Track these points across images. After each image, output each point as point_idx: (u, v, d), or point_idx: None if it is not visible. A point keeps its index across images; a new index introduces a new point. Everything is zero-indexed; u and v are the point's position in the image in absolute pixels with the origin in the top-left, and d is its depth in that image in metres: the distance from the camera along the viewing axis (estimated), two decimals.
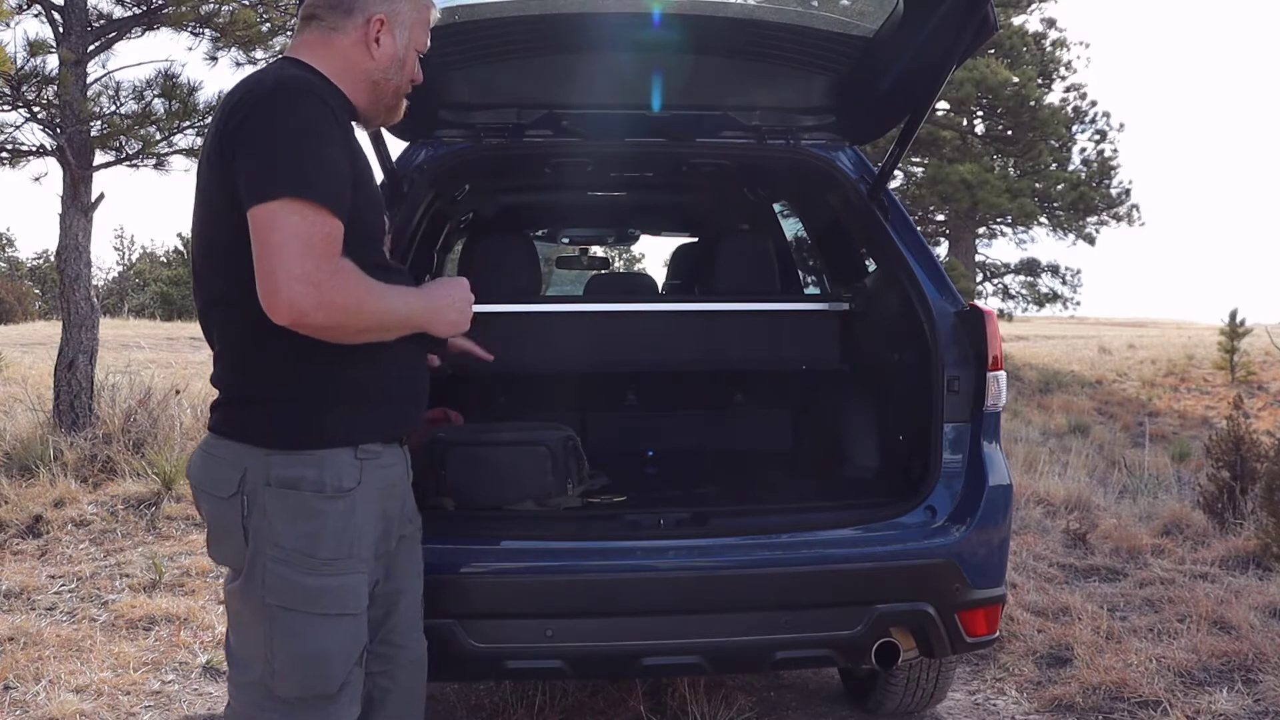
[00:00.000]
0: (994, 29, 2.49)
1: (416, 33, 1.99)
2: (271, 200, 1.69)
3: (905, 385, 2.89)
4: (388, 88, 1.97)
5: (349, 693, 1.90)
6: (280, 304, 1.68)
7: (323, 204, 1.72)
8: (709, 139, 3.22)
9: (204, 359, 14.96)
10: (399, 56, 1.95)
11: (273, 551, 1.81)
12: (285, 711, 1.85)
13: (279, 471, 1.81)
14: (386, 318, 1.84)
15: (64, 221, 7.05)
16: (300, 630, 1.82)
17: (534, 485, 2.74)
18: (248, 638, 1.88)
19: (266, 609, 1.82)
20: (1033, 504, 6.28)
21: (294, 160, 1.72)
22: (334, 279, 1.71)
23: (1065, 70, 23.77)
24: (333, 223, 1.73)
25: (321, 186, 1.72)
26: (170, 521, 5.51)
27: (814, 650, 2.56)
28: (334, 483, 1.83)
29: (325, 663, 1.84)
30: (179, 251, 40.72)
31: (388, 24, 1.92)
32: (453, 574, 2.36)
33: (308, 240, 1.69)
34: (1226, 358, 16.69)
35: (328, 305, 1.70)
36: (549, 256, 7.47)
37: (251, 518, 1.82)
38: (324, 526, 1.82)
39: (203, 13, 7.23)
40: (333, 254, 1.72)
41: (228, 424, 1.88)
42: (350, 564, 1.86)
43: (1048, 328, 31.22)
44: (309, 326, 1.72)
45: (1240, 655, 3.58)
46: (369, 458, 1.88)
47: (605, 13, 3.03)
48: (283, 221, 1.68)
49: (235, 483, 1.82)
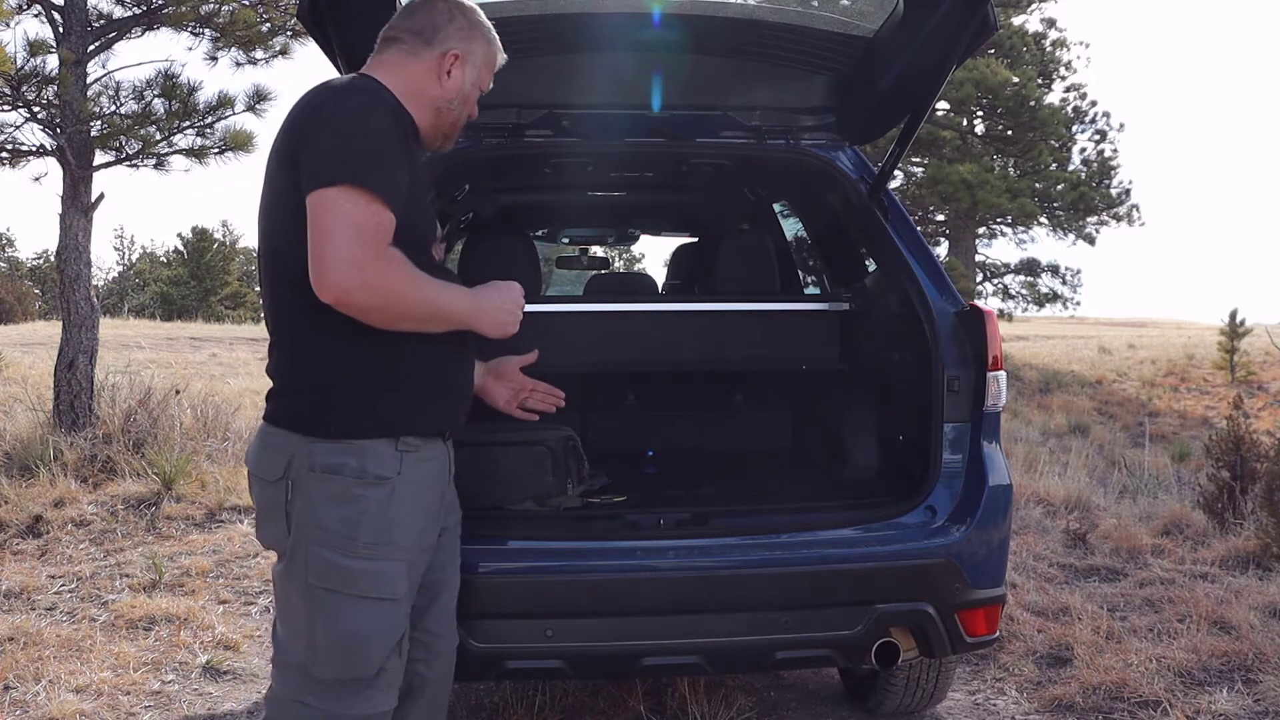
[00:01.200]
0: (994, 29, 2.50)
1: (484, 73, 2.14)
2: (330, 186, 1.80)
3: (905, 385, 2.89)
4: (448, 116, 2.11)
5: (386, 680, 1.98)
6: (327, 282, 1.78)
7: (377, 194, 1.82)
8: (709, 139, 3.22)
9: (204, 359, 14.97)
10: (464, 91, 2.10)
11: (315, 534, 1.90)
12: (321, 694, 1.94)
13: (322, 458, 1.90)
14: (431, 308, 1.92)
15: (64, 221, 7.05)
16: (339, 611, 1.91)
17: (534, 485, 2.74)
18: (292, 620, 1.97)
19: (309, 590, 1.91)
20: (1033, 504, 6.28)
21: (354, 152, 1.83)
22: (379, 263, 1.81)
23: (1065, 70, 23.80)
24: (385, 213, 1.83)
25: (377, 178, 1.83)
26: (170, 521, 5.51)
27: (814, 650, 2.56)
28: (375, 471, 1.91)
29: (363, 645, 1.92)
30: (179, 251, 40.74)
31: (461, 59, 2.07)
32: None
33: (359, 225, 1.79)
34: (1226, 358, 16.70)
35: (371, 286, 1.79)
36: (549, 256, 7.47)
37: (295, 502, 1.91)
38: (364, 512, 1.91)
39: (203, 13, 7.22)
40: (382, 241, 1.82)
41: (278, 413, 1.98)
42: (389, 550, 1.94)
43: (1048, 328, 31.23)
44: (352, 306, 1.81)
45: (1240, 655, 3.58)
46: (409, 450, 1.97)
47: (605, 13, 3.03)
48: (337, 206, 1.79)
49: (282, 468, 1.92)
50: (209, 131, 7.21)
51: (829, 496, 2.97)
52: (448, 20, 2.07)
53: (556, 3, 3.04)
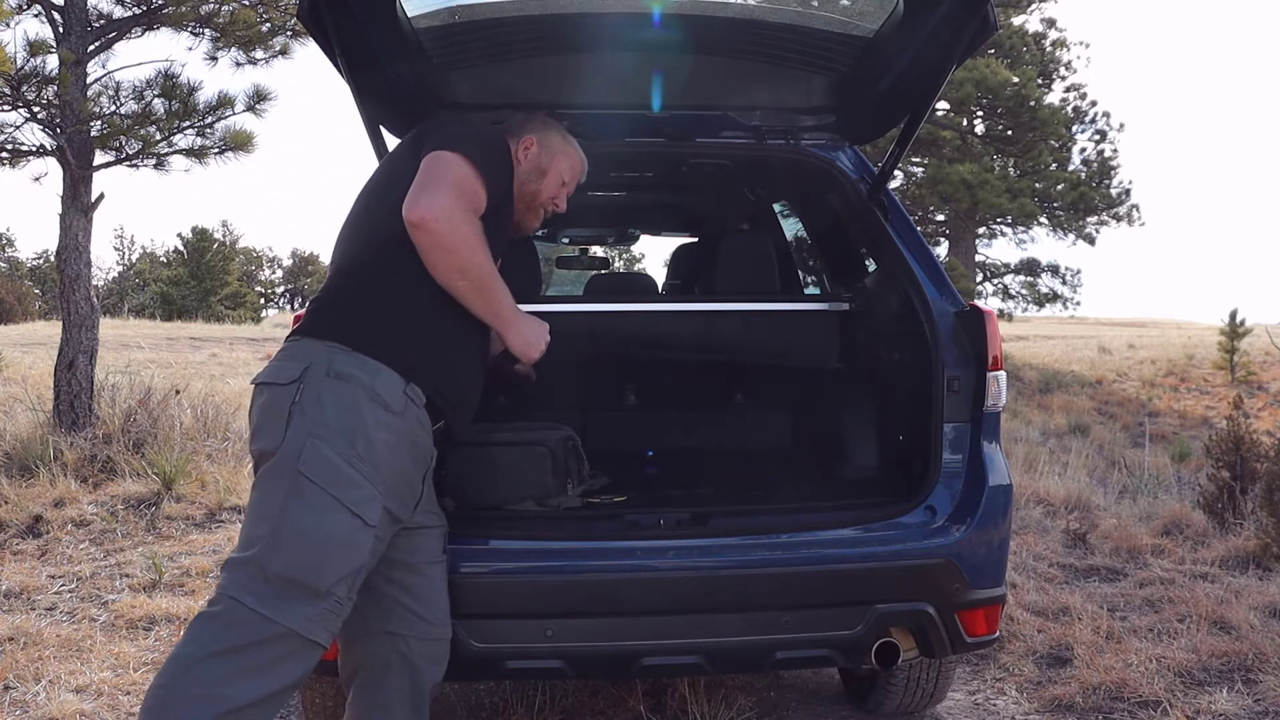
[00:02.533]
0: (994, 29, 2.49)
1: (560, 161, 2.52)
2: (448, 150, 2.12)
3: (905, 385, 2.89)
4: (527, 188, 2.46)
5: (329, 607, 1.99)
6: (417, 205, 2.03)
7: (482, 173, 2.13)
8: (709, 139, 3.22)
9: (204, 359, 14.98)
10: (541, 167, 2.48)
11: (319, 429, 2.00)
12: (264, 592, 1.94)
13: (338, 367, 2.05)
14: (486, 281, 2.13)
15: (64, 221, 7.05)
16: (316, 506, 1.98)
17: (534, 485, 2.74)
18: (260, 517, 2.01)
19: (295, 478, 1.99)
20: (1033, 504, 6.28)
21: (476, 139, 2.20)
22: (465, 214, 2.08)
23: (1065, 70, 23.81)
24: (482, 191, 2.14)
25: (486, 165, 2.15)
26: (170, 521, 5.51)
27: (814, 650, 2.56)
28: (383, 395, 2.05)
29: (324, 548, 1.98)
30: (179, 251, 40.75)
31: (537, 144, 2.49)
32: (453, 574, 2.36)
33: (461, 183, 2.09)
34: (1226, 358, 16.71)
35: (453, 223, 2.04)
36: (549, 256, 7.47)
37: (302, 401, 2.02)
38: (364, 426, 2.03)
39: (203, 13, 7.22)
40: (473, 205, 2.11)
41: (305, 324, 2.16)
42: (372, 474, 2.03)
43: (1048, 328, 31.24)
44: (428, 232, 2.03)
45: (1240, 655, 3.58)
46: (413, 399, 2.10)
47: (605, 13, 3.02)
48: (451, 162, 2.10)
49: (298, 372, 2.05)
50: (209, 131, 7.21)
51: (829, 496, 2.97)
52: (527, 120, 2.54)
53: (556, 3, 3.03)
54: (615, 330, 3.67)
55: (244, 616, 1.93)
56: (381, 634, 2.25)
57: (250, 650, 1.92)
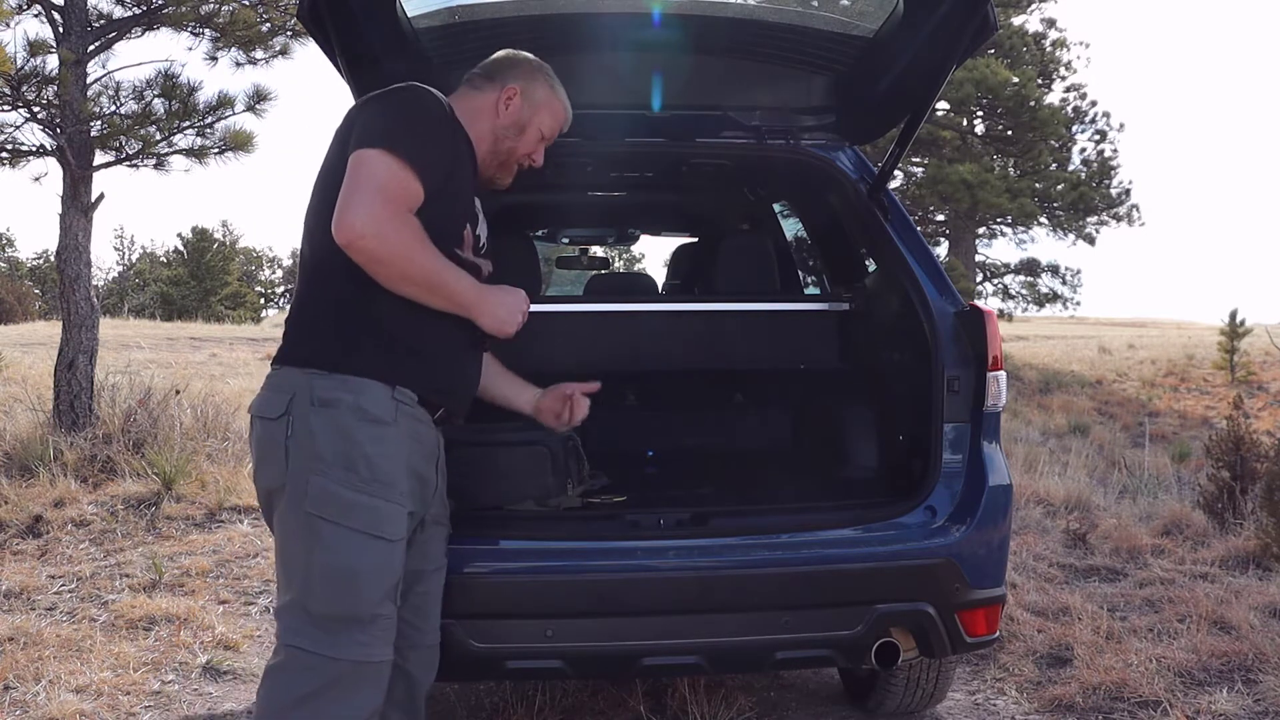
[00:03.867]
0: (994, 29, 2.49)
1: (543, 114, 2.32)
2: (370, 148, 1.97)
3: (905, 385, 2.89)
4: (504, 144, 2.28)
5: (381, 627, 2.03)
6: (343, 223, 1.91)
7: (411, 165, 1.97)
8: (709, 139, 3.22)
9: (204, 359, 14.97)
10: (520, 122, 2.28)
11: (314, 464, 1.98)
12: (316, 634, 1.98)
13: (321, 393, 2.00)
14: (434, 279, 2.02)
15: (64, 221, 7.05)
16: (335, 543, 1.98)
17: (534, 485, 2.74)
18: (289, 559, 2.03)
19: (308, 520, 1.98)
20: (1033, 504, 6.28)
21: (400, 128, 2.01)
22: (396, 221, 1.94)
23: (1065, 70, 23.82)
24: (414, 184, 1.98)
25: (414, 152, 1.98)
26: (170, 521, 5.51)
27: (814, 650, 2.56)
28: (371, 410, 2.01)
29: (355, 580, 1.99)
30: (179, 251, 40.77)
31: (520, 94, 2.28)
32: (453, 574, 2.36)
33: (386, 184, 1.94)
34: (1226, 358, 16.70)
35: (381, 238, 1.92)
36: (549, 256, 7.47)
37: (295, 436, 1.99)
38: (359, 446, 2.00)
39: (203, 13, 7.22)
40: (404, 205, 1.96)
41: (283, 354, 2.10)
42: (385, 490, 2.01)
43: (1048, 328, 31.25)
44: (361, 251, 1.93)
45: (1240, 655, 3.58)
46: (403, 401, 2.06)
47: (605, 13, 3.02)
48: (372, 162, 1.95)
49: (284, 405, 2.01)
50: (209, 131, 7.22)
51: (829, 496, 2.97)
52: (512, 64, 2.31)
53: (556, 3, 3.04)
54: (615, 330, 3.66)
55: (307, 661, 1.98)
56: None
57: (325, 692, 1.98)
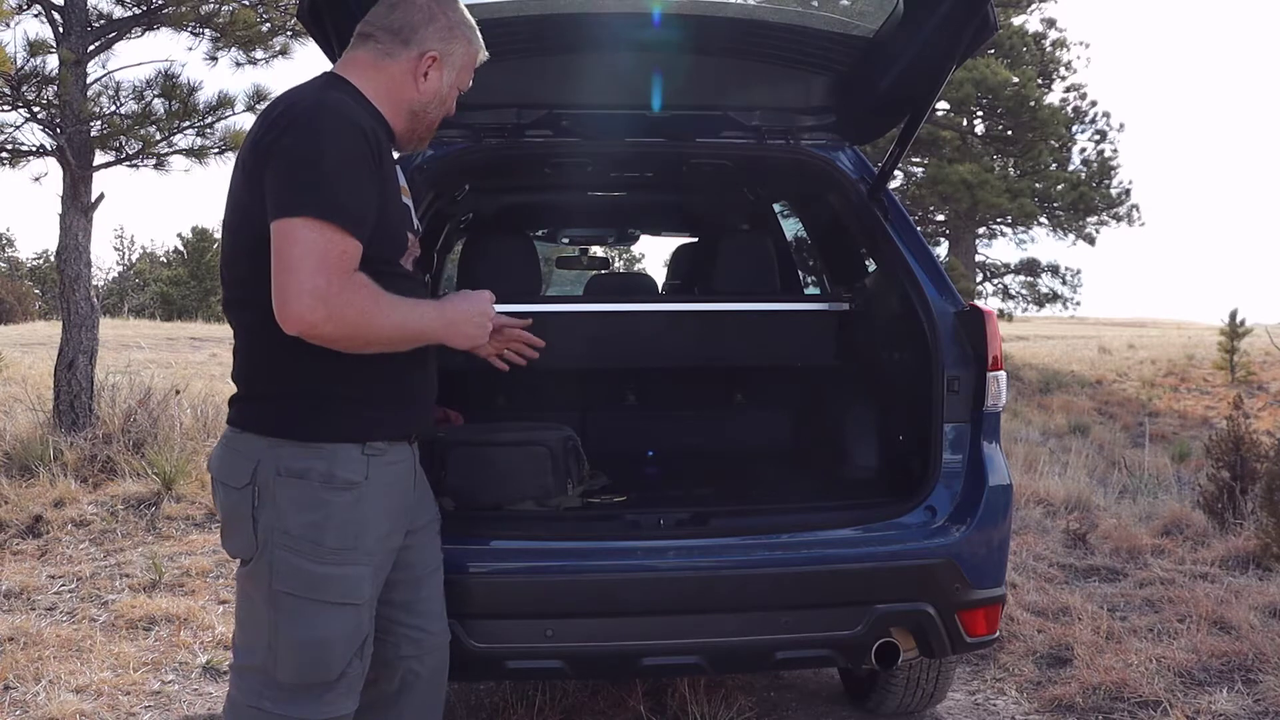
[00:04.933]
0: (994, 29, 2.50)
1: (463, 74, 2.07)
2: (294, 216, 1.76)
3: (905, 385, 2.89)
4: (424, 119, 2.06)
5: (346, 684, 1.96)
6: (290, 315, 1.76)
7: (342, 226, 1.78)
8: (709, 139, 3.22)
9: (204, 359, 14.97)
10: (442, 93, 2.04)
11: (281, 539, 1.89)
12: (281, 700, 1.92)
13: (288, 463, 1.89)
14: (399, 331, 1.89)
15: (64, 221, 7.05)
16: (304, 617, 1.90)
17: (534, 485, 2.74)
18: (253, 625, 1.96)
19: (274, 595, 1.90)
20: (1033, 504, 6.28)
21: (320, 182, 1.78)
22: (344, 294, 1.78)
23: (1065, 70, 23.81)
24: (350, 242, 1.80)
25: (343, 209, 1.79)
26: (170, 521, 5.51)
27: (814, 650, 2.56)
28: (342, 475, 1.90)
29: (326, 650, 1.92)
30: (179, 251, 40.74)
31: (439, 62, 2.00)
32: (453, 574, 2.36)
33: (323, 256, 1.76)
34: (1226, 358, 16.69)
35: (337, 319, 1.77)
36: (549, 256, 7.47)
37: (262, 508, 1.89)
38: (330, 517, 1.90)
39: (203, 13, 7.23)
40: (346, 270, 1.79)
41: (242, 417, 1.97)
42: (355, 555, 1.93)
43: (1048, 328, 31.24)
44: (319, 338, 1.80)
45: (1240, 655, 3.58)
46: (376, 454, 1.96)
47: (605, 13, 3.03)
48: (301, 237, 1.75)
49: (249, 473, 1.90)
50: (209, 131, 7.23)
51: (829, 496, 2.97)
52: (427, 20, 1.99)
53: (556, 3, 3.04)
54: (615, 330, 3.66)
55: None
56: (394, 661, 2.17)
57: None
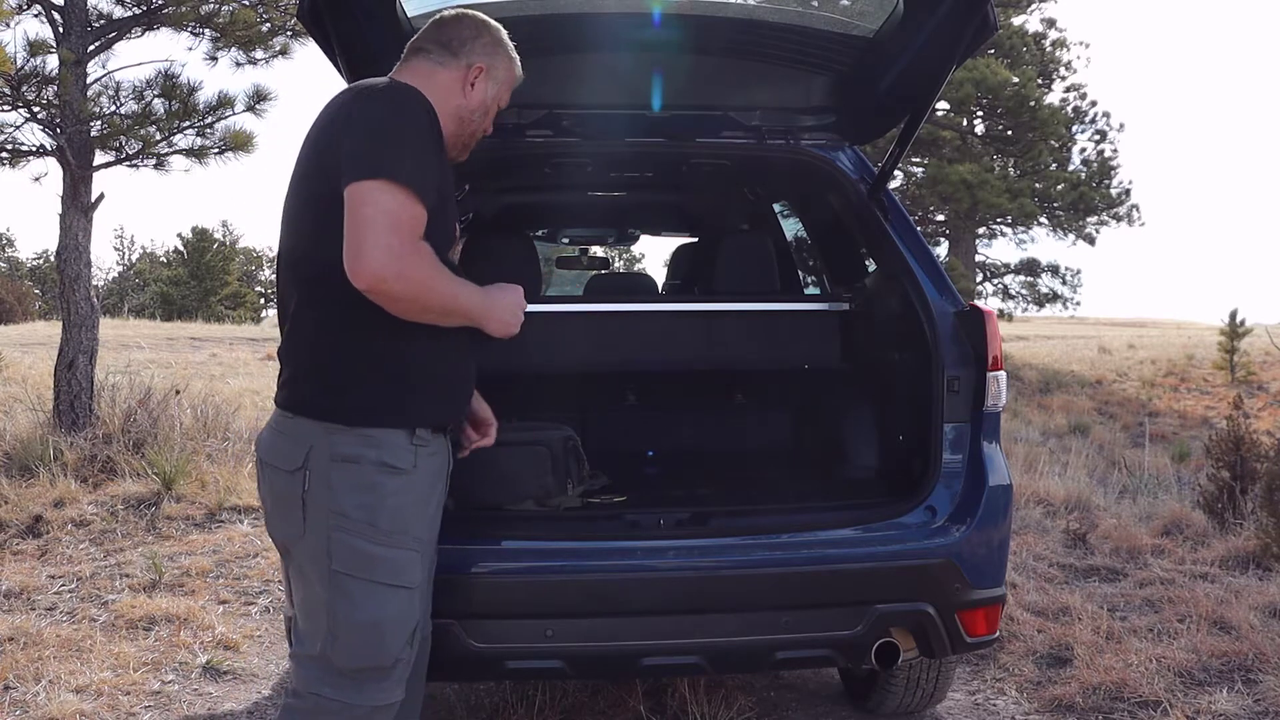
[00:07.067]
0: (994, 29, 2.50)
1: (503, 91, 2.24)
2: (369, 179, 1.86)
3: (905, 385, 2.89)
4: (469, 126, 2.19)
5: (399, 671, 2.04)
6: (363, 269, 1.83)
7: (415, 192, 1.89)
8: (709, 139, 3.22)
9: (204, 359, 14.97)
10: (486, 103, 2.19)
11: (337, 521, 1.96)
12: (339, 685, 1.99)
13: (342, 449, 1.96)
14: (451, 303, 1.99)
15: (64, 221, 7.05)
16: (360, 597, 1.97)
17: (534, 485, 2.74)
18: (311, 610, 2.02)
19: (333, 576, 1.97)
20: (1033, 504, 6.28)
21: (394, 147, 1.90)
22: (414, 256, 1.88)
23: (1065, 70, 23.83)
24: (420, 209, 1.91)
25: (415, 175, 1.90)
26: (170, 521, 5.51)
27: (814, 650, 2.56)
28: (392, 462, 1.98)
29: (381, 632, 1.99)
30: (179, 251, 40.74)
31: (485, 73, 2.17)
32: (453, 574, 2.36)
33: (396, 217, 1.86)
34: (1226, 358, 16.70)
35: (406, 277, 1.86)
36: (549, 256, 7.48)
37: (313, 491, 1.96)
38: (382, 501, 1.97)
39: (203, 13, 7.22)
40: (415, 234, 1.90)
41: (294, 399, 2.02)
42: (404, 540, 2.01)
43: (1048, 328, 31.24)
44: (385, 294, 1.87)
45: (1240, 655, 3.58)
46: (421, 444, 2.03)
47: (605, 13, 3.03)
48: (376, 198, 1.85)
49: (301, 458, 1.97)
50: (209, 131, 7.22)
51: (829, 496, 2.97)
52: (474, 36, 2.17)
53: (556, 3, 3.04)
54: (615, 330, 3.67)
55: (329, 707, 2.00)
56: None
57: None
